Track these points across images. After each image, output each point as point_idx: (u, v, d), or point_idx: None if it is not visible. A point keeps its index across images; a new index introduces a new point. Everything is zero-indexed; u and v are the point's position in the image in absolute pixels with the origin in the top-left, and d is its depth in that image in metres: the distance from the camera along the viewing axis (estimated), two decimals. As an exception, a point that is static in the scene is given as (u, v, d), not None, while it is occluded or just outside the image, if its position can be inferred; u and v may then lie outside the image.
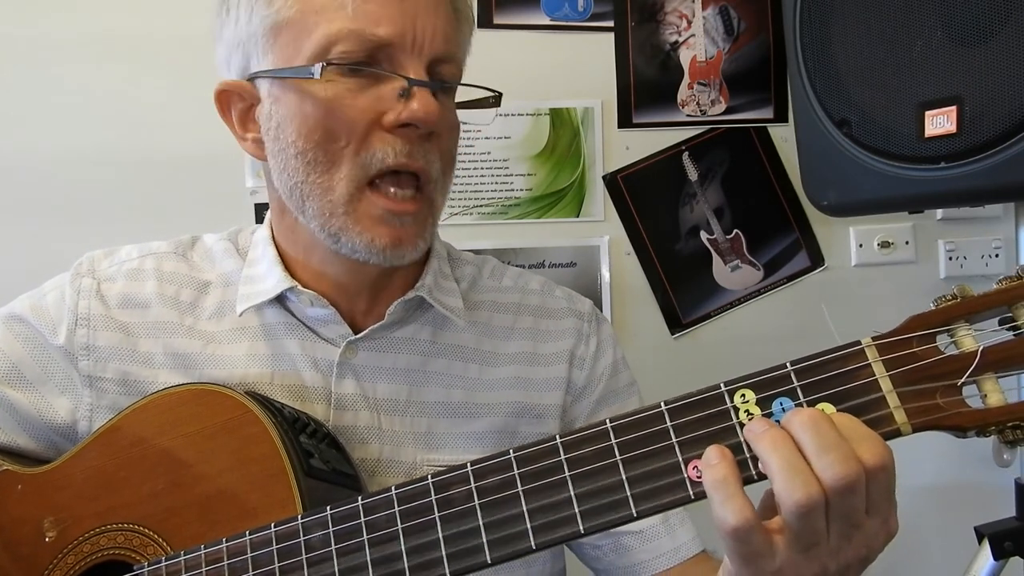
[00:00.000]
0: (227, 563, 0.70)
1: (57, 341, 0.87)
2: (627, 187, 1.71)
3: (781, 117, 1.73)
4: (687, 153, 1.72)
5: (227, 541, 0.71)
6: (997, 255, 1.78)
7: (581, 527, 0.61)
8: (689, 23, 1.71)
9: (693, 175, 1.73)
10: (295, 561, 0.68)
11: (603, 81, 1.70)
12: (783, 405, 0.60)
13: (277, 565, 0.68)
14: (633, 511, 0.60)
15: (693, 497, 0.60)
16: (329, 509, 0.68)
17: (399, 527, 0.65)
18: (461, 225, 1.68)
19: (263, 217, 0.94)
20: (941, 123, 1.10)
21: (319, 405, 0.87)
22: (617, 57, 1.70)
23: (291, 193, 0.81)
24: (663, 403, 0.62)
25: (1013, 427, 0.57)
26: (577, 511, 0.61)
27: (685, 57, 1.72)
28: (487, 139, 1.68)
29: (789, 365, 0.60)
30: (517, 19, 1.67)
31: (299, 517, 0.69)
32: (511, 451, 0.64)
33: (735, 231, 1.74)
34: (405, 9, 0.77)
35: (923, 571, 1.71)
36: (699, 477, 0.59)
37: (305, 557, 0.68)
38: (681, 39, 1.72)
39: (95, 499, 0.80)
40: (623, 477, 0.61)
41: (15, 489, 0.83)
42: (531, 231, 1.70)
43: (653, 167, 1.72)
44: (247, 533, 0.70)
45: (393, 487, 0.67)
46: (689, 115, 1.72)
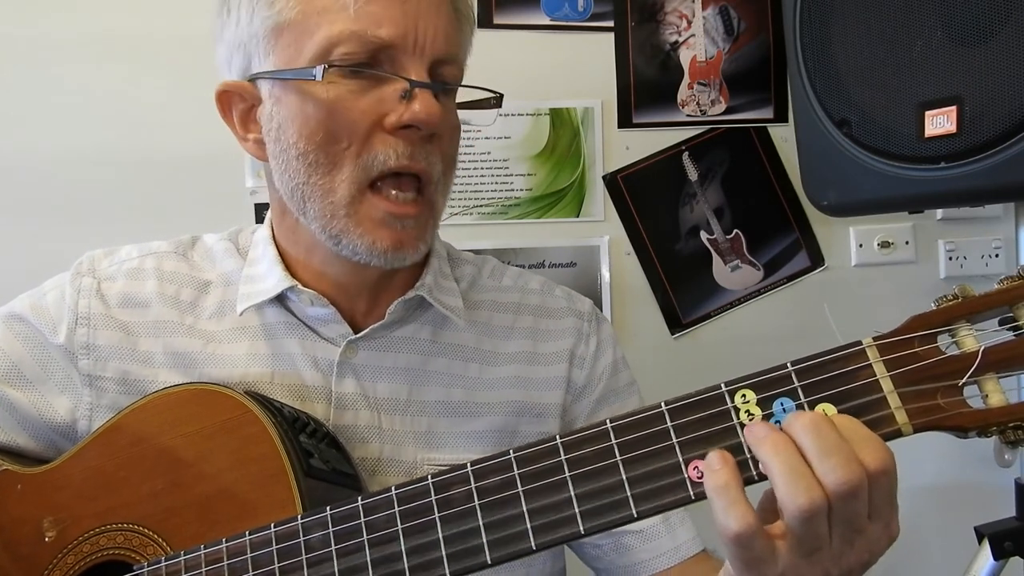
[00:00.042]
0: (227, 563, 0.70)
1: (57, 340, 0.87)
2: (627, 187, 1.71)
3: (781, 117, 1.73)
4: (687, 153, 1.72)
5: (227, 541, 0.71)
6: (997, 255, 1.78)
7: (581, 528, 0.61)
8: (689, 23, 1.71)
9: (693, 175, 1.73)
10: (295, 561, 0.68)
11: (603, 81, 1.70)
12: (784, 405, 0.59)
13: (277, 565, 0.68)
14: (633, 512, 0.60)
15: (694, 497, 0.59)
16: (329, 509, 0.68)
17: (399, 527, 0.65)
18: (461, 225, 1.68)
19: (263, 217, 0.94)
20: (941, 123, 1.10)
21: (319, 404, 0.87)
22: (617, 57, 1.70)
23: (292, 194, 0.81)
24: (663, 403, 0.62)
25: (1015, 427, 0.56)
26: (577, 511, 0.61)
27: (685, 57, 1.72)
28: (487, 139, 1.67)
29: (790, 365, 0.60)
30: (517, 19, 1.67)
31: (299, 517, 0.69)
32: (511, 451, 0.64)
33: (735, 231, 1.74)
34: (407, 11, 0.77)
35: (923, 571, 1.71)
36: (700, 478, 0.59)
37: (305, 557, 0.67)
38: (681, 39, 1.72)
39: (94, 499, 0.80)
40: (623, 477, 0.61)
41: (15, 489, 0.82)
42: (531, 231, 1.70)
43: (653, 167, 1.72)
44: (247, 533, 0.70)
45: (393, 487, 0.66)
46: (689, 115, 1.72)
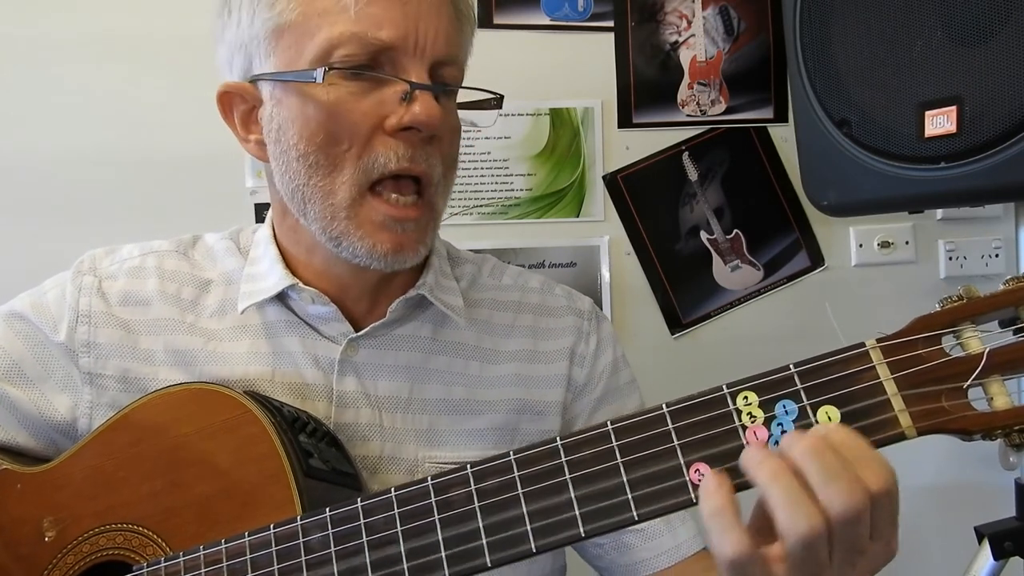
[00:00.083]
0: (226, 564, 0.70)
1: (58, 338, 0.87)
2: (627, 187, 1.71)
3: (781, 117, 1.73)
4: (687, 153, 1.72)
5: (226, 542, 0.71)
6: (997, 255, 1.78)
7: (582, 530, 0.60)
8: (689, 23, 1.71)
9: (693, 175, 1.73)
10: (294, 563, 0.67)
11: (603, 81, 1.70)
12: (786, 408, 0.59)
13: (276, 567, 0.68)
14: (634, 514, 0.60)
15: (695, 500, 0.59)
16: (328, 511, 0.68)
17: (399, 529, 0.65)
18: (461, 225, 1.68)
19: (263, 217, 0.94)
20: (941, 123, 1.10)
21: (320, 403, 0.86)
22: (617, 57, 1.70)
23: (292, 195, 0.81)
24: (664, 405, 0.61)
25: (1020, 430, 0.56)
26: (578, 514, 0.61)
27: (685, 57, 1.71)
28: (487, 139, 1.67)
29: (792, 367, 0.60)
30: (517, 19, 1.67)
31: (298, 518, 0.69)
32: (511, 453, 0.64)
33: (735, 231, 1.74)
34: (407, 12, 0.76)
35: (923, 571, 1.71)
36: (701, 480, 0.58)
37: (304, 559, 0.67)
38: (681, 39, 1.71)
39: (94, 499, 0.79)
40: (624, 480, 0.60)
41: (14, 488, 0.82)
42: (531, 231, 1.70)
43: (653, 167, 1.72)
44: (246, 534, 0.70)
45: (393, 489, 0.66)
46: (689, 115, 1.72)
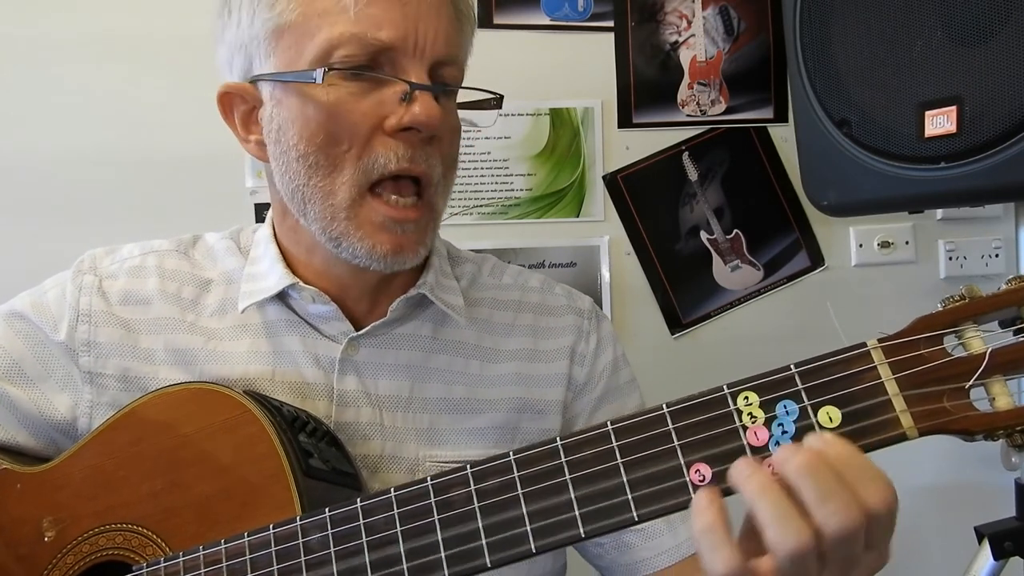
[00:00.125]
0: (225, 564, 0.70)
1: (58, 337, 0.87)
2: (627, 187, 1.71)
3: (781, 117, 1.73)
4: (687, 153, 1.72)
5: (225, 543, 0.71)
6: (997, 255, 1.78)
7: (582, 531, 0.60)
8: (689, 23, 1.71)
9: (693, 175, 1.73)
10: (294, 563, 0.67)
11: (603, 81, 1.70)
12: (787, 408, 0.59)
13: (276, 567, 0.68)
14: (634, 515, 0.60)
15: (695, 501, 0.59)
16: (328, 511, 0.68)
17: (398, 529, 0.65)
18: (461, 225, 1.68)
19: (263, 217, 0.94)
20: (941, 123, 1.10)
21: (321, 402, 0.86)
22: (617, 57, 1.70)
23: (292, 196, 0.81)
24: (665, 405, 0.61)
25: (1022, 431, 0.56)
26: (578, 514, 0.60)
27: (685, 57, 1.71)
28: (487, 139, 1.67)
29: (793, 367, 0.59)
30: (517, 19, 1.67)
31: (298, 519, 0.69)
32: (511, 453, 0.64)
33: (735, 231, 1.74)
34: (407, 12, 0.76)
35: (923, 571, 1.71)
36: (701, 481, 0.59)
37: (304, 559, 0.67)
38: (681, 39, 1.71)
39: (94, 498, 0.79)
40: (624, 480, 0.60)
41: (14, 488, 0.82)
42: (531, 231, 1.70)
43: (653, 167, 1.72)
44: (246, 534, 0.70)
45: (392, 489, 0.66)
46: (689, 115, 1.72)
